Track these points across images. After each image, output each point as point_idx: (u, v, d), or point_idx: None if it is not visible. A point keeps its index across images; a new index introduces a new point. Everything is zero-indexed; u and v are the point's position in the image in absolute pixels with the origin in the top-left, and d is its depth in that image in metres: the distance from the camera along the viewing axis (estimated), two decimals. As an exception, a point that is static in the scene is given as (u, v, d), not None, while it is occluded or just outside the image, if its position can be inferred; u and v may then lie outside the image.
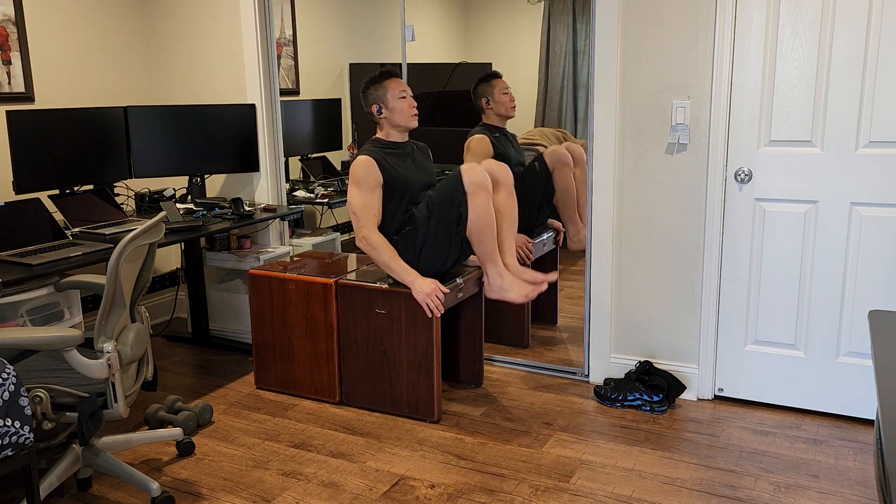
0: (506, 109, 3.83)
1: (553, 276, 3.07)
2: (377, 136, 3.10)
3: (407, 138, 3.13)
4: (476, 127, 3.85)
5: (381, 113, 3.04)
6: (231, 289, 4.01)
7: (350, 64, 4.79)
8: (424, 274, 3.01)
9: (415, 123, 3.07)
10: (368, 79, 3.07)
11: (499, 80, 3.84)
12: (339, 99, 4.75)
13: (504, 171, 3.08)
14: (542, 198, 3.86)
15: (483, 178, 2.90)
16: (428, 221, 2.96)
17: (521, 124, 4.79)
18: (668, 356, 3.23)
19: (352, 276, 3.16)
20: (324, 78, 4.67)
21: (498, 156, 3.77)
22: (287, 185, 4.20)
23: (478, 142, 3.77)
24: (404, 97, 3.03)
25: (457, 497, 2.50)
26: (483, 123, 3.87)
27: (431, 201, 2.98)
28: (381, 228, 3.02)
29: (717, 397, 3.22)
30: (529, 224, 3.86)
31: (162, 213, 2.53)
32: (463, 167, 2.94)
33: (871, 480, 2.56)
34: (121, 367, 2.24)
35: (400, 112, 3.02)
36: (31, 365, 2.43)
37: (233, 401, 3.29)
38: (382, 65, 4.71)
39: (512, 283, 3.00)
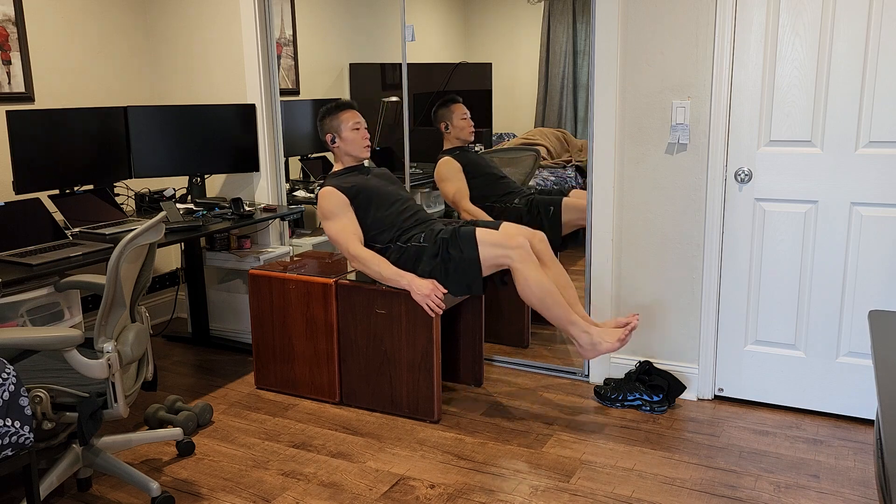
0: (465, 135, 3.88)
1: (635, 318, 2.94)
2: (333, 170, 3.18)
3: (361, 164, 3.21)
4: (439, 154, 3.89)
5: (335, 142, 3.13)
6: (231, 289, 4.01)
7: (350, 64, 4.79)
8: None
9: (366, 154, 3.14)
10: (325, 109, 3.16)
11: (458, 105, 3.87)
12: (339, 99, 4.75)
13: (542, 243, 3.06)
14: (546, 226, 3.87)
15: (524, 248, 2.88)
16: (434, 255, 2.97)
17: (521, 124, 4.79)
18: (668, 356, 3.23)
19: (352, 275, 3.16)
20: (324, 78, 4.67)
21: (464, 166, 3.82)
22: (287, 185, 4.20)
23: (446, 165, 3.83)
24: (357, 129, 3.12)
25: (457, 497, 2.50)
26: (444, 150, 3.91)
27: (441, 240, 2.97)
28: (376, 236, 3.05)
29: (717, 397, 3.22)
30: None
31: (162, 213, 2.53)
32: (501, 235, 2.90)
33: (871, 480, 2.56)
34: (121, 367, 2.24)
35: (352, 143, 3.11)
36: (31, 365, 2.43)
37: (233, 401, 3.29)
38: (382, 65, 4.73)
39: (601, 335, 2.89)
